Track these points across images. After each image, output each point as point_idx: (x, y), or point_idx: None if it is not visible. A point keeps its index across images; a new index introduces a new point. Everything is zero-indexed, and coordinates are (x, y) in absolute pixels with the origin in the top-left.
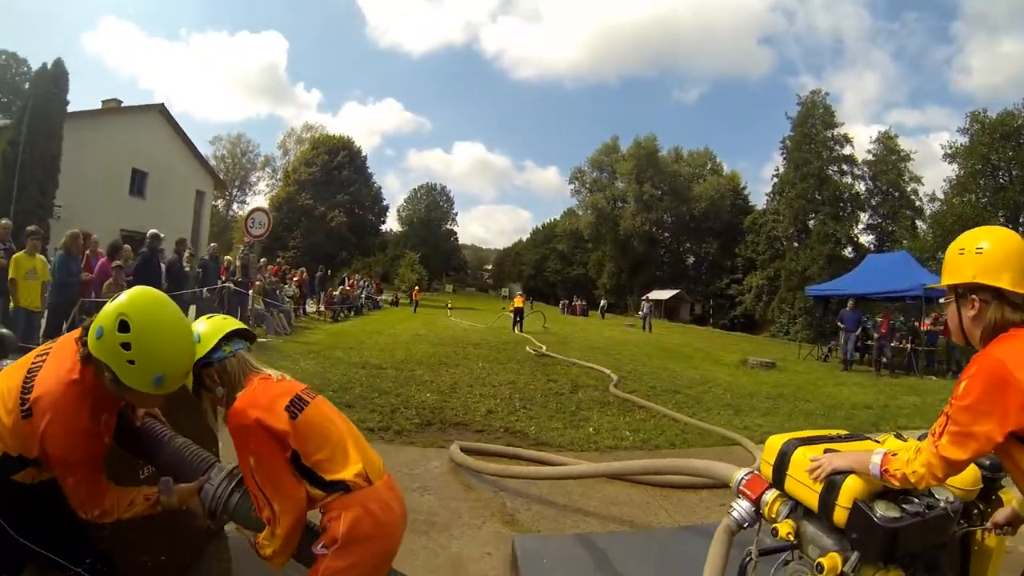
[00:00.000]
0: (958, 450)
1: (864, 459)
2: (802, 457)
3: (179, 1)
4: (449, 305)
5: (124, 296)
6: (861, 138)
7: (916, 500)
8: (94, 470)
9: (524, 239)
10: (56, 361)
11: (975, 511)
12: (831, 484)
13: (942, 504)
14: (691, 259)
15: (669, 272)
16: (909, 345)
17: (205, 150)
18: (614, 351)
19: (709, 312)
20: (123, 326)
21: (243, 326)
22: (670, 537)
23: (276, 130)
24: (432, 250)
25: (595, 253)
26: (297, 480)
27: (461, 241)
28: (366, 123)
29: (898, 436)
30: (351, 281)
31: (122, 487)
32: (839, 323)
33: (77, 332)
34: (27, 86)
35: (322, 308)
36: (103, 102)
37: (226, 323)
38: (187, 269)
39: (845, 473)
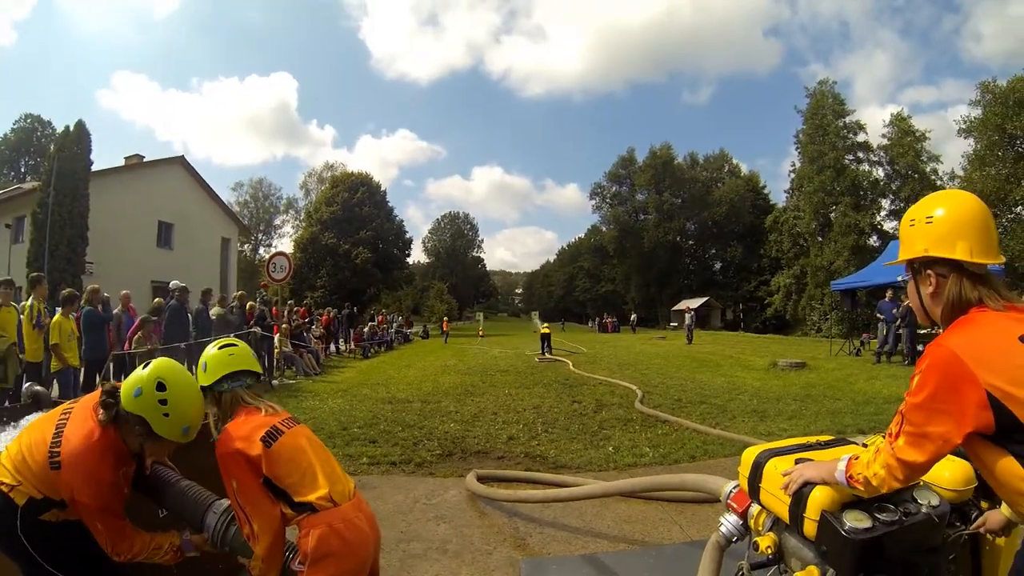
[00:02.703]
0: (915, 452)
1: (832, 467)
2: (773, 469)
3: (188, 52)
4: (480, 332)
5: (153, 364)
6: (877, 122)
7: (892, 507)
8: (117, 516)
9: (551, 260)
10: (79, 420)
11: (975, 513)
12: (799, 496)
13: (924, 510)
14: (717, 265)
15: (697, 280)
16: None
17: (228, 197)
18: (643, 365)
19: (740, 317)
20: (160, 387)
21: (253, 368)
22: (677, 554)
23: (295, 170)
24: (460, 279)
25: (621, 267)
26: (272, 501)
27: (489, 267)
28: (382, 156)
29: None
30: (380, 317)
31: (148, 532)
32: (877, 314)
33: (96, 397)
34: (52, 148)
35: (352, 346)
36: (126, 158)
37: (232, 362)
38: (213, 318)
39: (815, 484)
